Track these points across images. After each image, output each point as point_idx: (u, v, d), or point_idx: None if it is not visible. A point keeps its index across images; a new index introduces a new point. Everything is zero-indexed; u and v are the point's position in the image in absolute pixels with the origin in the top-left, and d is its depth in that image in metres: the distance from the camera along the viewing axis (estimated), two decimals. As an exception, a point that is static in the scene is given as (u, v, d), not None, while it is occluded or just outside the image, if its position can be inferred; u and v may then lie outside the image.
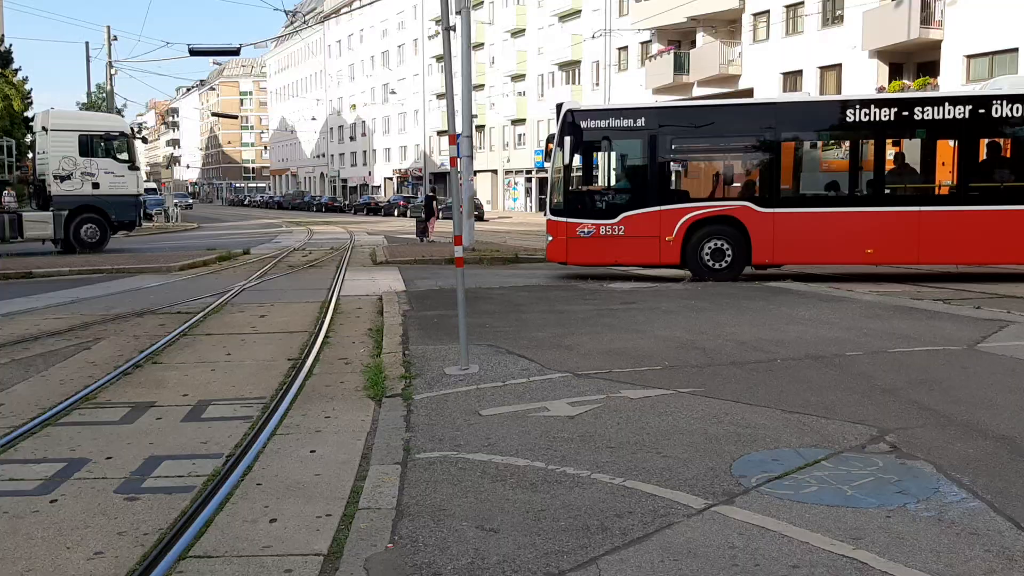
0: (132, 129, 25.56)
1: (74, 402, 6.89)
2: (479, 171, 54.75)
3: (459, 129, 7.52)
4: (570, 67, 53.67)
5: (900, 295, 12.84)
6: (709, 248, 15.09)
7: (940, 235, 14.45)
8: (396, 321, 10.35)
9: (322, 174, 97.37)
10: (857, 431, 5.63)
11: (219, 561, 3.86)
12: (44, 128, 23.46)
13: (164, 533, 4.18)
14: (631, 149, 15.82)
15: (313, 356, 8.66)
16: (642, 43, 45.56)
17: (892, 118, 14.64)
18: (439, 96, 67.90)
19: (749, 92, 36.69)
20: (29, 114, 55.18)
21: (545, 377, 7.29)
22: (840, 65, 33.94)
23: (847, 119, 14.84)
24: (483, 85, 60.17)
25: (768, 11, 37.46)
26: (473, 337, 8.54)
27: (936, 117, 14.54)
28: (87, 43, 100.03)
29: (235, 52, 27.98)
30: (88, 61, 46.12)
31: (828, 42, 34.37)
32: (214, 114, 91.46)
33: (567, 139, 15.11)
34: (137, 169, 24.53)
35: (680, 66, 40.95)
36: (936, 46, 30.49)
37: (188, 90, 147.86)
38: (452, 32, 8.04)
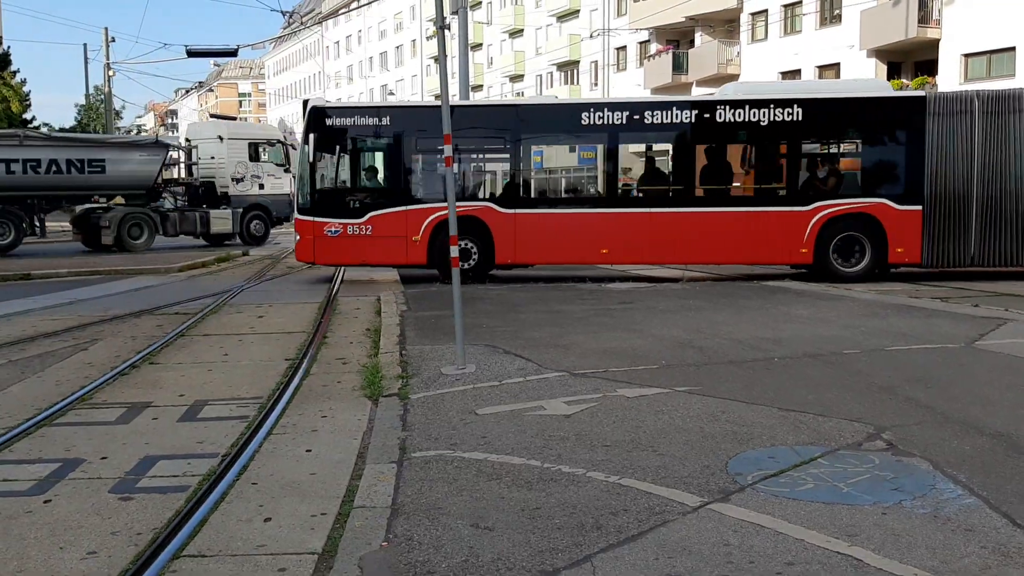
0: (284, 137, 28.91)
1: (70, 403, 6.87)
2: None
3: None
4: (568, 67, 53.67)
5: (898, 294, 12.84)
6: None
7: (669, 236, 14.71)
8: (394, 321, 10.34)
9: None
10: (854, 428, 5.63)
11: (213, 560, 3.86)
12: (220, 137, 26.46)
13: (158, 532, 4.17)
14: (377, 148, 15.86)
15: (310, 356, 8.65)
16: (640, 43, 45.54)
17: (625, 122, 14.84)
18: (437, 97, 67.82)
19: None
20: (28, 116, 55.11)
21: (542, 376, 7.28)
22: (838, 64, 33.96)
23: (584, 123, 14.88)
24: (481, 85, 60.19)
25: (766, 10, 37.46)
26: (470, 337, 8.53)
27: (665, 121, 14.82)
28: (85, 45, 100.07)
29: (233, 53, 28.00)
30: (86, 63, 46.09)
31: (826, 41, 34.39)
32: (212, 116, 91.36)
33: (312, 136, 14.97)
34: (289, 171, 26.88)
35: (679, 66, 40.95)
36: (934, 45, 30.48)
37: (187, 92, 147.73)
38: (448, 32, 8.01)
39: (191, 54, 26.64)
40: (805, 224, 14.51)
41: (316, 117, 15.04)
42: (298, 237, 15.53)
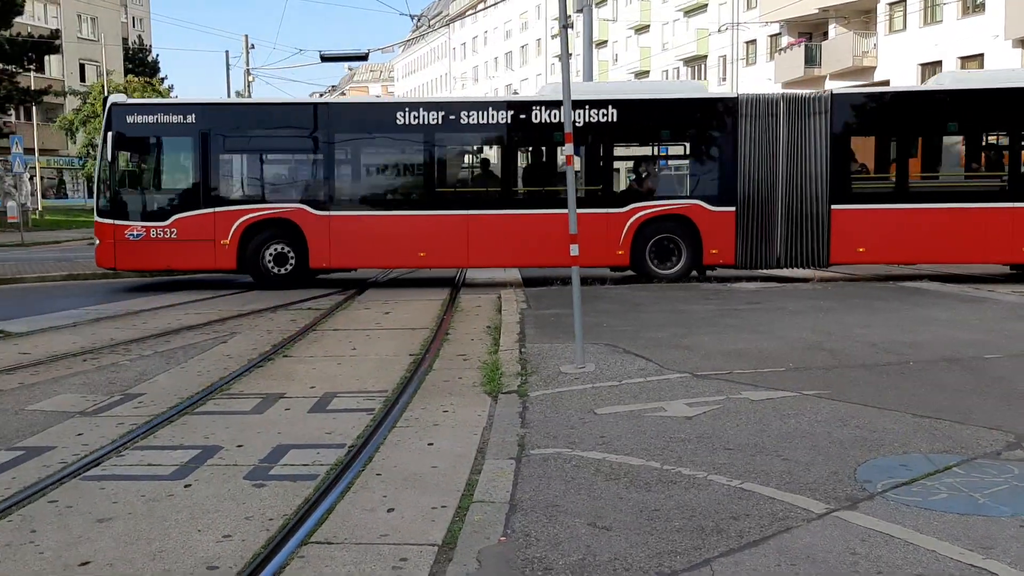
0: None
1: (210, 392, 7.25)
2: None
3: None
4: (696, 62, 52.79)
5: (1048, 296, 12.07)
6: (271, 253, 14.62)
7: (489, 239, 14.34)
8: (514, 319, 10.43)
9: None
10: (992, 437, 5.34)
11: (338, 547, 3.99)
12: None
13: (289, 519, 4.35)
14: (182, 147, 15.02)
15: (433, 352, 8.83)
16: (771, 36, 44.35)
17: (441, 122, 14.42)
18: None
19: (885, 84, 35.18)
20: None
21: (663, 377, 7.20)
22: (982, 55, 32.14)
23: (400, 123, 14.44)
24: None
25: (904, 0, 35.84)
26: (590, 336, 8.52)
27: (482, 122, 14.43)
28: (227, 52, 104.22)
29: (364, 58, 28.67)
30: (228, 68, 48.41)
31: (968, 31, 32.59)
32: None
33: (111, 135, 14.42)
34: None
35: (811, 59, 39.63)
36: (1090, 32, 28.48)
37: (320, 95, 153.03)
38: (571, 30, 8.03)
39: (325, 59, 27.46)
40: (621, 225, 14.34)
41: (116, 115, 14.61)
42: (97, 242, 14.94)
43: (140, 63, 62.04)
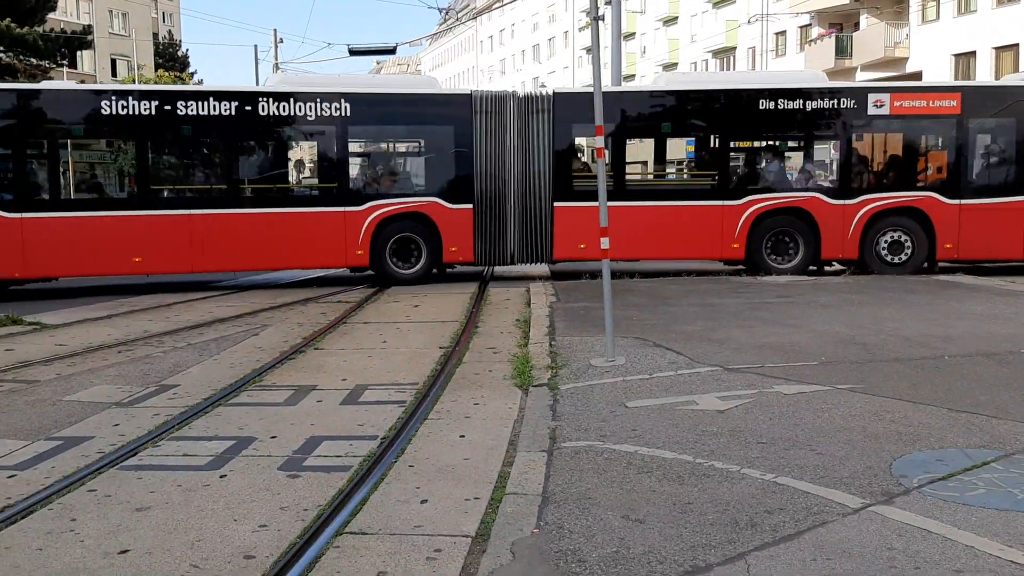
0: None
1: (243, 384, 7.31)
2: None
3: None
4: (724, 54, 52.41)
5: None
6: None
7: (213, 240, 13.45)
8: (543, 312, 10.43)
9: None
10: (1033, 433, 5.26)
11: (373, 538, 4.02)
12: None
13: (323, 509, 4.38)
14: None
15: (463, 345, 8.85)
16: (801, 27, 43.91)
17: (155, 112, 13.34)
18: (589, 88, 67.72)
19: (917, 76, 34.69)
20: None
21: (694, 371, 7.17)
22: (1017, 45, 31.60)
23: (107, 112, 13.24)
24: (633, 75, 59.54)
25: (939, -11, 35.33)
26: (620, 329, 8.51)
27: (203, 113, 13.46)
28: (255, 46, 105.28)
29: (391, 51, 28.75)
30: (256, 63, 48.74)
31: (1005, 21, 32.05)
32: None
33: None
34: None
35: (842, 50, 39.19)
36: None
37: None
38: (601, 22, 7.98)
39: (353, 53, 27.50)
40: (360, 225, 13.91)
41: None
42: None
43: (171, 58, 62.59)
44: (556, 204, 14.12)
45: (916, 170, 14.92)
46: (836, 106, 14.38)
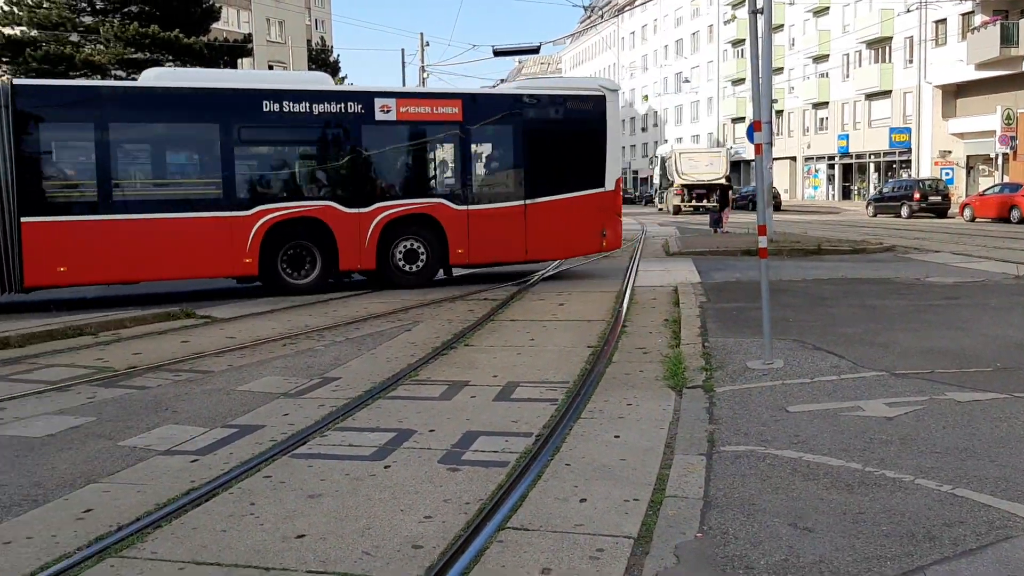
0: None
1: (399, 378, 7.54)
2: (776, 158, 52.70)
3: (761, 115, 7.32)
4: (879, 44, 50.11)
5: None
6: None
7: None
8: (693, 312, 10.27)
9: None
10: None
11: (535, 534, 4.06)
12: None
13: (484, 504, 4.46)
14: None
15: (612, 344, 8.82)
16: (963, 14, 41.50)
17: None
18: (734, 83, 66.18)
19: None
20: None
21: (858, 375, 6.90)
22: None
23: None
24: (782, 68, 57.74)
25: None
26: (776, 331, 8.27)
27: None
28: (403, 49, 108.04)
29: (535, 50, 29.00)
30: (403, 66, 49.90)
31: None
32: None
33: None
34: None
35: (1008, 38, 36.81)
36: None
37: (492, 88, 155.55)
38: (758, 16, 7.79)
39: (497, 53, 27.97)
40: None
41: None
42: None
43: (323, 63, 65.16)
44: (24, 220, 11.86)
45: (427, 177, 14.86)
46: (344, 111, 13.65)
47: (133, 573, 3.74)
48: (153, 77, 13.57)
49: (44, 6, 37.97)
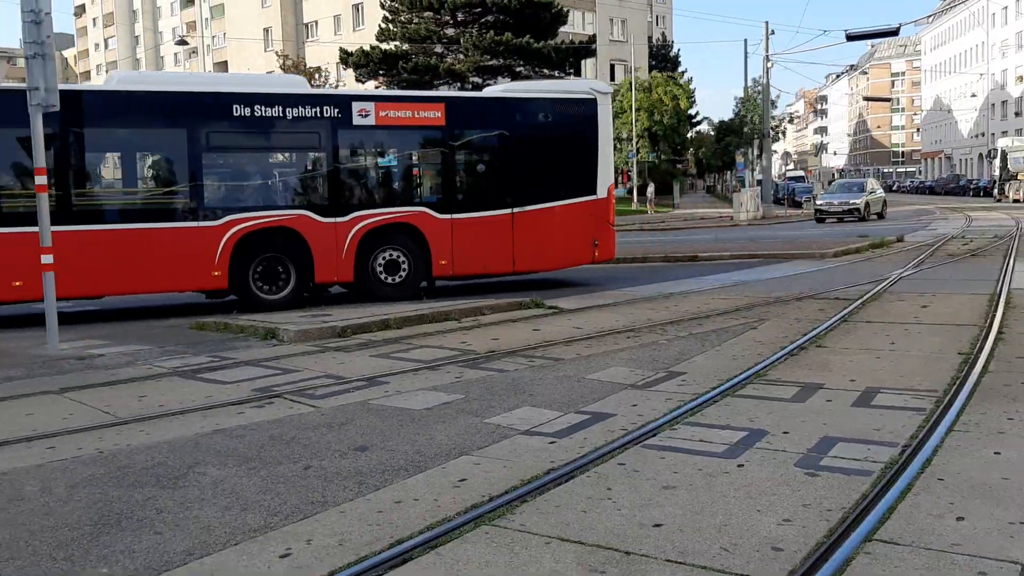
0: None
1: (747, 377, 7.38)
2: None
3: None
4: None
5: None
6: None
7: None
8: (1089, 319, 9.00)
9: (980, 155, 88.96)
10: None
11: (906, 550, 3.80)
12: None
13: (847, 512, 4.25)
14: None
15: (987, 352, 7.99)
16: None
17: None
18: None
19: None
20: (692, 111, 60.35)
21: None
22: None
23: None
24: None
25: None
26: None
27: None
28: (745, 40, 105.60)
29: (894, 33, 27.08)
30: (745, 57, 49.23)
31: None
32: (865, 98, 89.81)
33: None
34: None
35: None
36: None
37: (837, 76, 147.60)
38: None
39: (851, 38, 26.49)
40: None
41: None
42: None
43: (663, 59, 65.74)
44: None
45: (408, 184, 14.17)
46: (319, 115, 12.86)
47: (505, 542, 4.04)
48: (117, 80, 13.30)
49: (415, 22, 42.08)
